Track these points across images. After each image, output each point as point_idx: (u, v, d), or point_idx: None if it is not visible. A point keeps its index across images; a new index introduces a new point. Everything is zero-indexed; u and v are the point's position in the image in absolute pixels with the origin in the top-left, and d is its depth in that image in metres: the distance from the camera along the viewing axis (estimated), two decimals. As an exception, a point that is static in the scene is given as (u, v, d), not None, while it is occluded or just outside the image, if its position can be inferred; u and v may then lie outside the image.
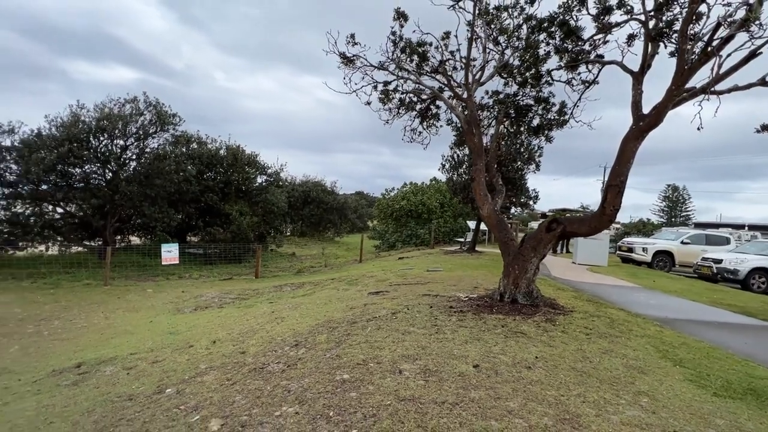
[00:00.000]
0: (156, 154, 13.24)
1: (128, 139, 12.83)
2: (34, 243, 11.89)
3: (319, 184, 31.29)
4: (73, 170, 12.15)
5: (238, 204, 15.83)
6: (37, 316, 7.33)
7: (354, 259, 17.17)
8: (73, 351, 5.55)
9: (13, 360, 5.25)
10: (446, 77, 7.02)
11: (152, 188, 12.65)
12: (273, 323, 5.72)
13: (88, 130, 11.84)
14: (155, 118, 13.37)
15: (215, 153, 16.18)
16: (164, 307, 8.24)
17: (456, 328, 4.46)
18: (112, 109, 12.54)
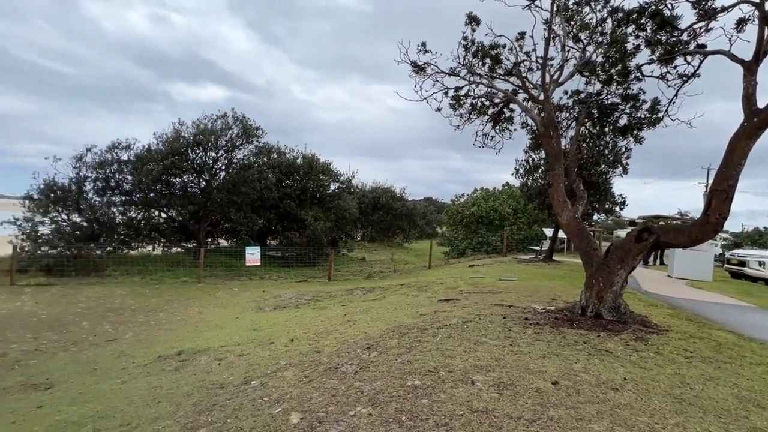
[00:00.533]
0: (242, 164, 14.50)
1: (219, 151, 14.21)
2: (143, 244, 13.65)
3: (388, 190, 31.81)
4: (174, 180, 13.76)
5: (313, 210, 16.70)
6: (146, 307, 8.38)
7: (423, 266, 17.13)
8: (174, 340, 6.26)
9: (129, 345, 6.06)
10: (521, 79, 6.77)
11: (238, 195, 13.85)
12: (345, 325, 5.92)
13: (187, 145, 13.34)
14: (241, 132, 14.65)
15: (293, 162, 17.26)
16: (248, 305, 8.94)
17: (532, 342, 4.25)
18: (206, 125, 14.01)
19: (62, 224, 11.70)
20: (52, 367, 5.09)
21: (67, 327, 6.81)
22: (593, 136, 9.39)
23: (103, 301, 8.64)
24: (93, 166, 12.45)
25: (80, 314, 7.61)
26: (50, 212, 11.55)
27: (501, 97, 7.32)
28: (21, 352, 5.59)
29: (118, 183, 13.04)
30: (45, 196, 11.49)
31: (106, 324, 7.12)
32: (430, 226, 38.85)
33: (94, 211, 11.81)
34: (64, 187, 11.82)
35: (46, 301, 8.39)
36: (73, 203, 11.76)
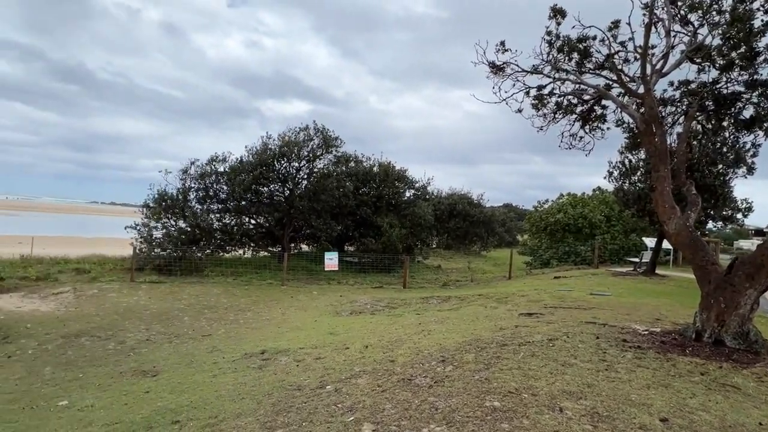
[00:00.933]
0: (322, 173, 15.21)
1: (301, 161, 15.07)
2: (236, 247, 14.96)
3: (465, 196, 31.04)
4: (262, 189, 14.87)
5: (389, 217, 16.89)
6: (236, 307, 9.09)
7: (502, 276, 16.31)
8: (259, 339, 6.66)
9: (221, 340, 6.59)
10: (615, 72, 6.10)
11: (318, 203, 14.53)
12: (420, 335, 5.78)
13: (273, 156, 14.36)
14: (321, 142, 15.38)
15: (369, 170, 17.67)
16: (326, 309, 9.24)
17: (633, 368, 3.71)
18: (290, 137, 14.96)
19: (171, 229, 13.29)
20: (158, 357, 5.70)
21: (172, 321, 7.63)
22: (707, 131, 8.12)
23: (202, 299, 9.56)
24: (195, 177, 14.00)
25: (183, 310, 8.49)
26: (162, 218, 13.19)
27: (591, 94, 6.67)
28: (136, 341, 6.37)
29: (215, 192, 14.47)
30: (158, 205, 13.18)
31: (203, 320, 7.84)
32: (510, 234, 37.00)
33: (195, 218, 13.23)
34: (172, 196, 13.44)
35: (156, 296, 9.53)
36: (180, 211, 13.31)
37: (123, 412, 3.87)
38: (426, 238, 20.71)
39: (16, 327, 6.66)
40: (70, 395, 4.31)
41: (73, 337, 6.33)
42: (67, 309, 7.98)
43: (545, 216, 21.80)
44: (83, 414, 3.83)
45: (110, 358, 5.59)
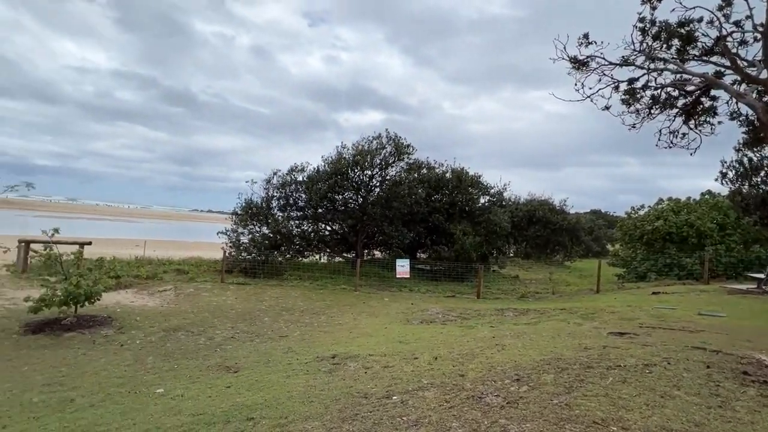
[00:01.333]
0: (394, 180, 15.35)
1: (374, 169, 15.37)
2: (313, 253, 15.70)
3: (545, 202, 29.15)
4: (336, 197, 15.44)
5: (462, 224, 16.45)
6: (311, 310, 9.46)
7: (589, 289, 14.92)
8: (330, 343, 6.82)
9: (295, 342, 6.88)
10: (729, 56, 5.25)
11: (390, 210, 14.67)
12: (493, 349, 5.45)
13: (348, 165, 14.85)
14: (394, 150, 15.54)
15: (441, 176, 17.42)
16: (396, 316, 9.21)
17: (757, 408, 3.08)
18: (363, 146, 15.36)
19: (256, 235, 14.37)
20: (240, 354, 6.11)
21: (254, 321, 8.17)
22: None
23: (281, 301, 10.13)
24: (277, 186, 15.01)
25: (264, 311, 9.06)
26: (248, 225, 14.34)
27: (697, 83, 5.82)
28: (222, 338, 6.91)
29: (295, 201, 15.36)
30: (245, 212, 14.36)
31: (281, 321, 8.27)
32: (598, 243, 33.84)
33: (277, 224, 14.16)
34: (257, 204, 14.56)
35: (242, 297, 10.30)
36: (263, 218, 14.35)
37: (206, 404, 4.18)
38: (502, 246, 19.79)
39: (128, 319, 7.64)
40: (165, 384, 4.78)
41: (172, 331, 7.07)
42: (168, 305, 8.97)
43: (641, 223, 19.51)
44: (174, 402, 4.21)
45: (200, 352, 6.12)
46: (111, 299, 8.74)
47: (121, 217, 71.18)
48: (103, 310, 7.85)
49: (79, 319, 7.05)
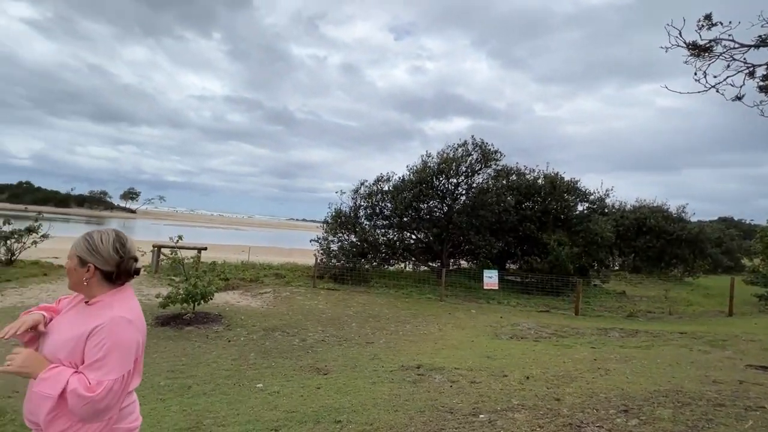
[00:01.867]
0: (480, 188, 14.88)
1: (459, 177, 15.09)
2: (398, 261, 15.89)
3: (658, 209, 25.69)
4: (421, 206, 15.46)
5: (556, 233, 15.26)
6: (397, 318, 9.53)
7: (718, 311, 12.71)
8: (415, 353, 6.77)
9: (381, 349, 6.97)
10: None
11: (477, 218, 14.22)
12: (595, 373, 4.91)
13: (432, 173, 14.81)
14: (480, 157, 15.10)
15: (533, 183, 16.42)
16: (484, 330, 8.82)
17: None
18: (448, 154, 15.19)
19: (344, 243, 15.03)
20: (329, 357, 6.38)
21: (342, 326, 8.49)
22: None
23: (368, 308, 10.39)
24: (364, 196, 15.55)
25: (351, 316, 9.37)
26: (337, 233, 15.06)
27: None
28: (314, 341, 7.29)
29: (380, 210, 15.75)
30: (334, 221, 15.12)
31: (368, 328, 8.46)
32: (730, 257, 28.78)
33: (364, 233, 14.64)
34: (346, 214, 15.23)
35: (331, 302, 10.80)
36: (351, 226, 14.96)
37: (299, 403, 4.42)
38: (605, 258, 17.87)
39: (235, 318, 8.48)
40: (264, 380, 5.17)
41: (270, 331, 7.67)
42: (268, 307, 9.77)
43: (789, 233, 16.08)
44: (272, 398, 4.52)
45: (294, 352, 6.53)
46: (221, 299, 9.81)
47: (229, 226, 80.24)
48: (215, 308, 8.84)
49: (197, 316, 8.03)
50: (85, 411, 1.46)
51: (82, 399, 1.43)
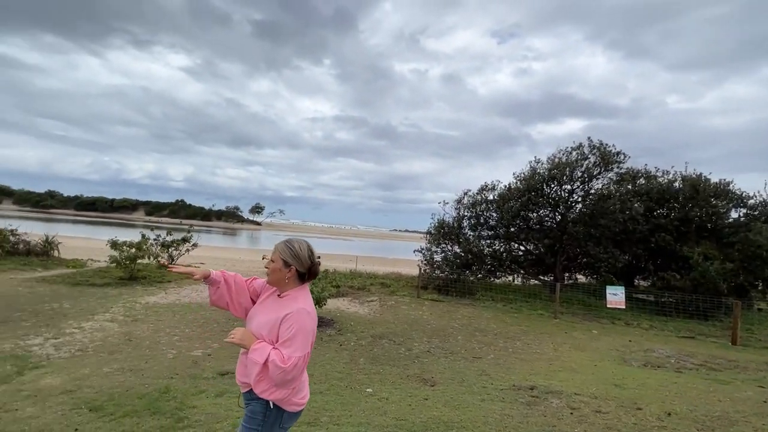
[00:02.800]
0: (600, 194, 13.38)
1: (574, 183, 13.80)
2: (505, 273, 15.09)
3: None
4: (530, 215, 14.50)
5: (701, 245, 12.86)
6: (505, 334, 9.03)
7: None
8: (528, 372, 6.31)
9: (489, 365, 6.66)
10: None
11: (596, 228, 12.78)
12: (765, 419, 3.96)
13: (542, 180, 13.82)
14: (599, 160, 13.62)
15: (667, 187, 14.18)
16: (609, 353, 7.83)
17: None
18: (561, 159, 14.03)
19: (448, 254, 14.86)
20: (435, 369, 6.31)
21: (447, 338, 8.35)
22: None
23: (473, 321, 10.05)
24: (468, 206, 15.22)
25: (457, 329, 9.17)
26: (441, 244, 14.97)
27: None
28: (419, 351, 7.30)
29: (485, 220, 15.22)
30: (437, 232, 15.06)
31: (474, 342, 8.18)
32: None
33: (468, 244, 14.28)
34: (449, 224, 15.07)
35: (436, 313, 10.72)
36: (455, 237, 14.74)
37: (407, 411, 4.45)
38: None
39: (345, 323, 8.97)
40: (373, 385, 5.34)
41: (378, 338, 7.92)
42: (374, 314, 10.12)
43: None
44: (381, 404, 4.64)
45: (401, 361, 6.62)
46: (333, 305, 10.48)
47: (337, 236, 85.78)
48: (328, 313, 9.47)
49: (312, 319, 8.70)
50: (278, 378, 1.91)
51: (277, 368, 1.88)
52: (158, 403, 4.18)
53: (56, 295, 9.32)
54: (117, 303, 9.07)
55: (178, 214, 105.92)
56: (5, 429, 3.52)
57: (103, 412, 3.94)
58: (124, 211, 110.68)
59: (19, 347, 5.81)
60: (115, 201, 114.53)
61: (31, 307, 8.09)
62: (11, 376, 4.76)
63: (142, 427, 3.69)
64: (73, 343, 6.22)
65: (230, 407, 4.24)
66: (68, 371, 5.03)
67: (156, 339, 6.73)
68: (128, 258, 11.81)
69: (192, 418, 3.92)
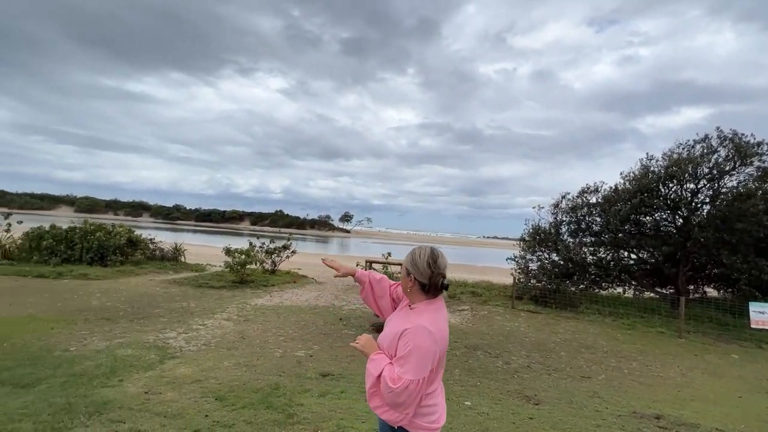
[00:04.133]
0: (735, 194, 11.32)
1: (699, 181, 11.90)
2: (612, 284, 13.53)
3: None
4: (643, 219, 12.84)
5: None
6: (618, 352, 8.07)
7: None
8: (650, 399, 5.54)
9: (601, 387, 5.99)
10: None
11: (732, 234, 10.81)
12: None
13: (657, 179, 12.16)
14: (732, 153, 11.57)
15: (831, 182, 11.48)
16: (757, 383, 6.53)
17: None
18: (680, 154, 12.22)
19: (545, 262, 13.83)
20: (538, 386, 5.87)
21: (549, 353, 7.73)
22: None
23: (578, 336, 9.18)
24: (566, 210, 14.02)
25: (559, 344, 8.45)
26: (536, 251, 14.00)
27: None
28: (518, 365, 6.87)
29: (587, 225, 13.88)
30: (532, 238, 14.12)
31: (581, 359, 7.45)
32: None
33: (568, 251, 13.13)
34: (545, 230, 14.03)
35: (534, 325, 10.03)
36: (552, 244, 13.66)
37: (510, 430, 4.19)
38: None
39: (437, 331, 8.85)
40: (471, 398, 5.14)
41: (473, 349, 7.64)
42: (467, 324, 9.81)
43: None
44: (481, 419, 4.44)
45: (498, 375, 6.28)
46: (424, 312, 10.43)
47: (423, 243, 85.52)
48: (419, 320, 9.45)
49: (404, 326, 8.74)
50: (388, 398, 1.72)
51: (387, 387, 1.71)
52: (270, 399, 4.52)
53: (184, 296, 10.74)
54: (231, 304, 10.13)
55: (277, 223, 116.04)
56: (154, 408, 4.10)
57: (226, 401, 4.38)
58: (233, 221, 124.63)
59: (159, 339, 6.78)
60: (225, 212, 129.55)
61: (166, 305, 9.43)
62: (155, 363, 5.56)
63: (259, 419, 4.01)
64: (199, 338, 7.07)
65: (333, 408, 4.41)
66: (196, 363, 5.71)
67: (265, 338, 7.34)
68: (239, 263, 13.16)
69: (300, 415, 4.16)
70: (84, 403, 4.10)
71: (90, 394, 4.35)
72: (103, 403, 4.13)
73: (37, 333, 6.60)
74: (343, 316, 9.64)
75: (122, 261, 14.51)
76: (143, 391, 4.53)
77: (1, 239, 14.18)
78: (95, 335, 6.74)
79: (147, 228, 29.69)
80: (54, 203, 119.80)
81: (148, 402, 4.25)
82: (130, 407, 4.08)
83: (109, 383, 4.71)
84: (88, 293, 10.12)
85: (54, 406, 4.00)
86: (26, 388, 4.45)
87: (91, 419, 3.78)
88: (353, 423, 4.05)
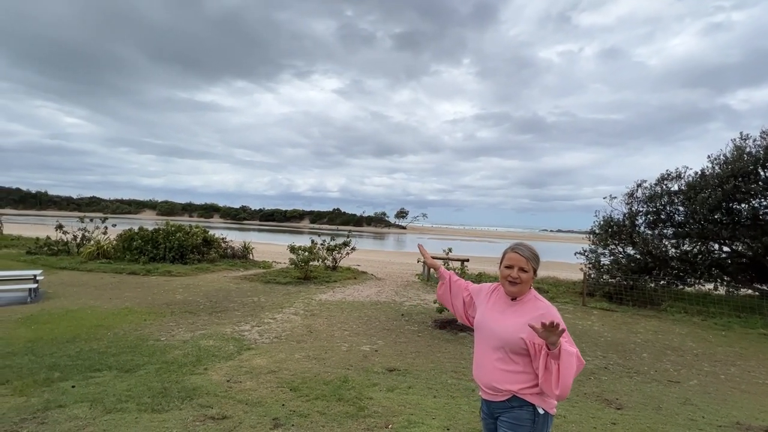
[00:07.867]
0: None
1: (809, 161, 10.33)
2: (700, 280, 12.20)
3: None
4: (738, 207, 11.43)
5: None
6: (711, 356, 7.27)
7: None
8: (757, 409, 4.92)
9: (694, 393, 5.42)
10: None
11: None
12: None
13: (755, 161, 10.74)
14: None
15: None
16: None
17: None
18: (783, 132, 10.70)
19: (619, 256, 12.84)
20: (619, 389, 5.45)
21: (628, 354, 7.16)
22: None
23: (661, 337, 8.42)
24: (643, 200, 12.87)
25: (639, 344, 7.80)
26: (608, 245, 13.03)
27: None
28: (594, 366, 6.44)
29: (669, 215, 12.65)
30: (604, 231, 13.14)
31: (666, 362, 6.81)
32: None
33: (646, 244, 12.05)
34: (618, 222, 13.00)
35: (609, 324, 9.35)
36: (627, 237, 12.62)
37: (592, 436, 3.92)
38: None
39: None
40: (544, 399, 4.89)
41: (541, 348, 7.29)
42: (534, 321, 9.39)
43: None
44: (559, 422, 4.21)
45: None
46: (487, 309, 10.14)
47: (482, 238, 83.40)
48: (483, 317, 9.20)
49: (467, 323, 8.55)
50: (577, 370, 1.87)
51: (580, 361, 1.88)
52: (341, 391, 4.64)
53: (255, 291, 11.40)
54: (297, 299, 10.57)
55: (335, 221, 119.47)
56: (236, 396, 4.39)
57: (300, 392, 4.57)
58: (294, 220, 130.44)
59: (236, 332, 7.26)
60: (287, 212, 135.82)
61: (239, 300, 10.08)
62: (234, 354, 5.95)
63: (332, 410, 4.13)
64: (270, 331, 7.46)
65: (402, 403, 4.42)
66: (270, 354, 6.03)
67: (330, 332, 7.57)
68: (303, 260, 13.70)
69: (370, 408, 4.23)
70: (177, 388, 4.50)
71: (181, 380, 4.77)
72: (192, 389, 4.50)
73: (133, 324, 7.37)
74: (404, 312, 9.66)
75: (199, 259, 15.75)
76: (225, 380, 4.87)
77: (101, 241, 16.04)
78: (181, 327, 7.38)
79: (218, 228, 32.06)
80: (139, 207, 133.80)
81: (230, 390, 4.56)
82: (216, 394, 4.40)
83: (196, 371, 5.13)
84: (172, 288, 11.11)
85: (152, 390, 4.43)
86: (129, 373, 4.98)
87: (184, 403, 4.13)
88: (423, 419, 4.03)
